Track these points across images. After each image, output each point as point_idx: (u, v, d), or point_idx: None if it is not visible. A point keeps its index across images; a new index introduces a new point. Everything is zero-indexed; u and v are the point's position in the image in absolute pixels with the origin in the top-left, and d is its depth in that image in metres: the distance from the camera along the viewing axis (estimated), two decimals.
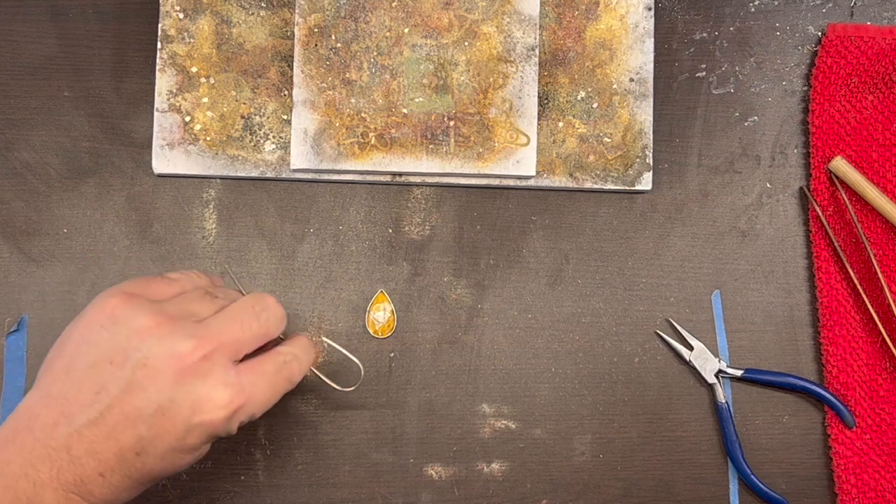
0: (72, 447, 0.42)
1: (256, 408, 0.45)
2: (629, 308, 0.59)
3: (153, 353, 0.43)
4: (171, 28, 0.58)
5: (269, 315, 0.46)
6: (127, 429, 0.42)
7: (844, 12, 0.62)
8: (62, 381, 0.44)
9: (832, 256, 0.59)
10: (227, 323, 0.45)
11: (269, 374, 0.46)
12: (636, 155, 0.59)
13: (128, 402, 0.42)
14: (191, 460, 0.45)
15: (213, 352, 0.43)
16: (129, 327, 0.43)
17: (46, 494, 0.42)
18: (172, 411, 0.42)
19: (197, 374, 0.43)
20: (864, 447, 0.58)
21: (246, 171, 0.58)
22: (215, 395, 0.43)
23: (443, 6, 0.58)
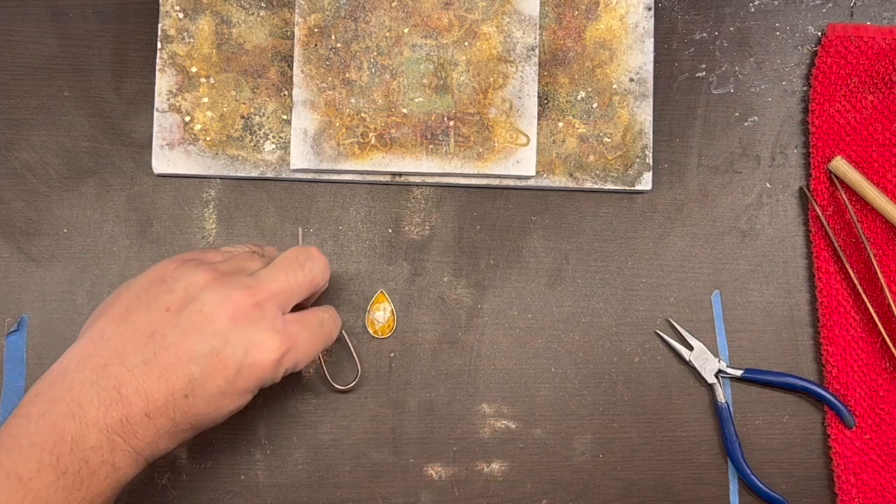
0: (122, 386, 0.43)
1: (300, 356, 0.48)
2: (629, 308, 0.59)
3: (209, 300, 0.45)
4: (171, 28, 0.58)
5: (314, 265, 0.49)
6: (179, 369, 0.44)
7: (844, 12, 0.62)
8: (117, 324, 0.45)
9: (832, 256, 0.59)
10: (276, 273, 0.48)
11: (312, 327, 0.49)
12: (636, 155, 0.59)
13: (182, 343, 0.44)
14: (233, 408, 0.47)
15: (265, 300, 0.46)
16: (186, 281, 0.46)
17: (91, 434, 0.43)
18: (226, 353, 0.45)
19: (250, 319, 0.45)
20: (864, 447, 0.58)
21: (246, 171, 0.58)
22: (266, 340, 0.46)
23: (443, 6, 0.58)
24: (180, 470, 0.57)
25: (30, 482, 0.42)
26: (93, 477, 0.43)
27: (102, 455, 0.43)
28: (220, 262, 0.49)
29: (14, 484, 0.41)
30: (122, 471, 0.44)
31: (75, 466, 0.42)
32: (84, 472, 0.43)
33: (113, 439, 0.43)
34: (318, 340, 0.50)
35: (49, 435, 0.42)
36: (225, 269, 0.48)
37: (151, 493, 0.56)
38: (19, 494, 0.41)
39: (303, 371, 0.57)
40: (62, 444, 0.42)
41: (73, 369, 0.44)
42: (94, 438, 0.43)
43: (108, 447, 0.43)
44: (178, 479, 0.57)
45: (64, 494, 0.42)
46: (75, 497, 0.43)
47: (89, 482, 0.43)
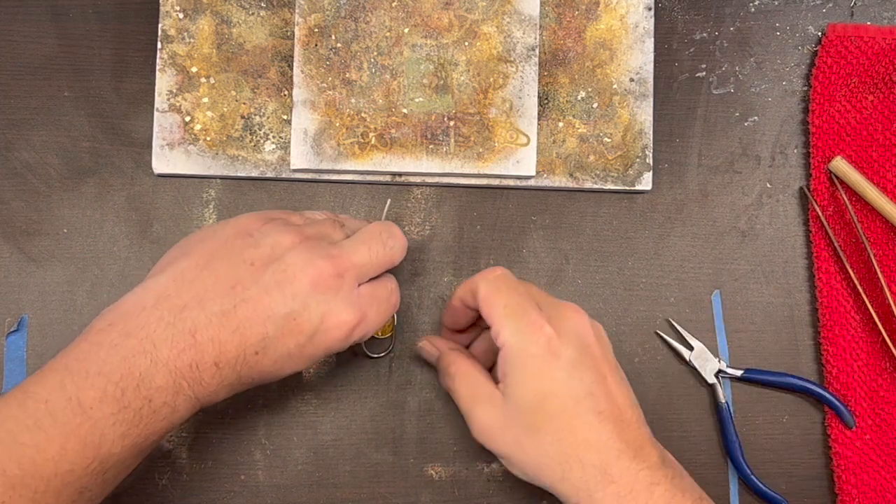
0: (197, 332, 0.44)
1: (369, 328, 0.49)
2: (629, 308, 0.59)
3: (293, 262, 0.46)
4: (171, 28, 0.58)
5: (395, 243, 0.50)
6: (255, 326, 0.45)
7: (844, 12, 0.62)
8: (200, 269, 0.46)
9: (832, 256, 0.59)
10: (358, 246, 0.48)
11: (381, 300, 0.49)
12: (636, 155, 0.59)
13: (262, 301, 0.45)
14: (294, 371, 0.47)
15: (346, 271, 0.47)
16: (273, 239, 0.47)
17: (160, 374, 0.43)
18: (303, 317, 0.45)
19: (330, 288, 0.46)
20: (864, 447, 0.58)
21: (246, 171, 0.58)
22: (342, 311, 0.46)
23: (443, 6, 0.58)
24: (180, 470, 0.57)
25: (90, 410, 0.42)
26: (153, 416, 0.43)
27: (166, 396, 0.43)
28: (304, 225, 0.49)
29: (74, 408, 0.42)
30: (180, 414, 0.45)
31: (137, 403, 0.43)
32: (145, 410, 0.43)
33: (179, 383, 0.44)
34: (386, 312, 0.50)
35: (118, 367, 0.43)
36: (310, 233, 0.48)
37: (151, 492, 0.56)
38: (77, 419, 0.42)
39: (303, 371, 0.57)
40: (129, 379, 0.43)
41: (150, 305, 0.44)
42: (162, 379, 0.43)
43: (172, 390, 0.44)
44: (178, 479, 0.57)
45: (121, 429, 0.43)
46: (131, 433, 0.43)
47: (148, 420, 0.43)
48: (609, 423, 0.46)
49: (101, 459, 0.42)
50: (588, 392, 0.47)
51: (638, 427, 0.48)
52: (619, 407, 0.47)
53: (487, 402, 0.48)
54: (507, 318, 0.48)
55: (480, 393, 0.49)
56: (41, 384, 0.42)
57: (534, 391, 0.47)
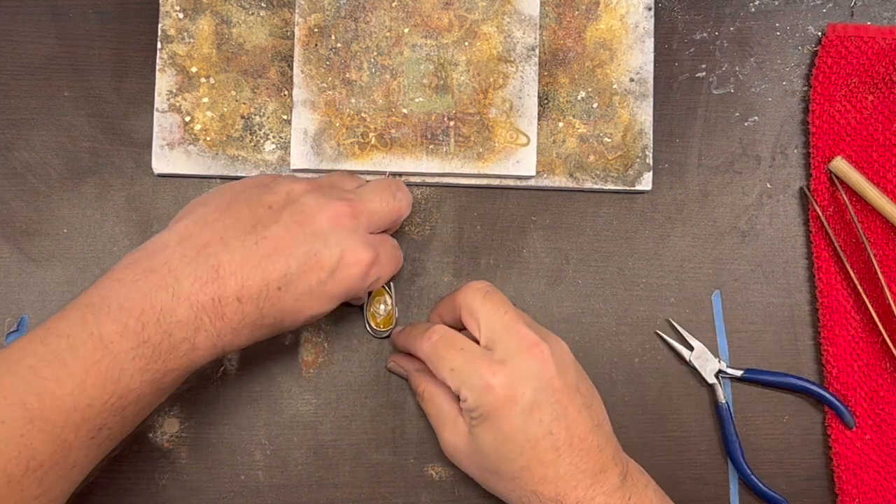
0: (220, 266, 0.45)
1: (383, 271, 0.51)
2: (629, 308, 0.59)
3: (310, 203, 0.48)
4: (171, 28, 0.58)
5: (403, 196, 0.53)
6: (278, 261, 0.46)
7: (844, 12, 0.62)
8: (220, 213, 0.47)
9: (832, 256, 0.59)
10: (370, 195, 0.51)
11: (390, 249, 0.53)
12: (636, 155, 0.59)
13: (284, 238, 0.46)
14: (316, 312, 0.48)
15: (360, 214, 0.49)
16: (288, 186, 0.49)
17: (181, 308, 0.44)
18: (323, 254, 0.47)
19: (346, 227, 0.48)
20: (864, 447, 0.58)
21: (246, 171, 0.58)
22: (360, 249, 0.48)
23: (443, 6, 0.58)
24: (180, 470, 0.57)
25: (111, 344, 0.42)
26: (172, 352, 0.44)
27: (186, 331, 0.44)
28: (321, 177, 0.52)
29: (95, 342, 0.42)
30: (200, 352, 0.45)
31: (157, 338, 0.43)
32: (165, 345, 0.44)
33: (200, 318, 0.44)
34: (395, 261, 0.53)
35: (139, 301, 0.43)
36: (322, 182, 0.51)
37: (151, 492, 0.56)
38: (98, 354, 0.42)
39: (303, 371, 0.57)
40: (150, 313, 0.43)
41: (173, 244, 0.46)
42: (183, 313, 0.44)
43: (193, 324, 0.44)
44: (178, 479, 0.57)
45: (141, 363, 0.43)
46: (150, 368, 0.44)
47: (167, 356, 0.44)
48: (567, 456, 0.47)
49: (120, 394, 0.43)
50: (546, 431, 0.47)
51: (599, 450, 0.48)
52: (580, 436, 0.48)
53: (452, 427, 0.51)
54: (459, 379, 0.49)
55: (446, 417, 0.51)
56: (64, 320, 0.43)
57: (492, 438, 0.48)
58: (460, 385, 0.48)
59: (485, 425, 0.48)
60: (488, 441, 0.48)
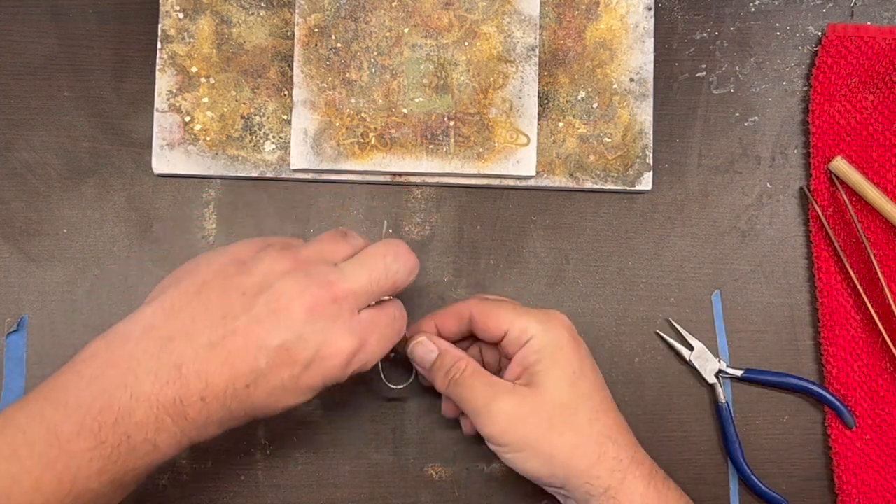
0: (184, 365, 0.42)
1: (370, 356, 0.46)
2: (629, 308, 0.59)
3: (287, 290, 0.44)
4: (171, 28, 0.58)
5: (399, 266, 0.47)
6: (246, 357, 0.42)
7: (844, 12, 0.62)
8: (189, 299, 0.44)
9: (832, 256, 0.59)
10: (359, 271, 0.46)
11: (383, 327, 0.47)
12: (636, 155, 0.59)
13: (254, 331, 0.43)
14: (293, 403, 0.45)
15: (343, 298, 0.45)
16: (266, 266, 0.45)
17: (140, 409, 0.41)
18: (297, 347, 0.43)
19: (326, 315, 0.44)
20: (864, 447, 0.58)
21: (246, 171, 0.58)
22: (339, 339, 0.44)
23: (443, 6, 0.58)
24: (180, 470, 0.57)
25: (67, 444, 0.40)
26: (132, 453, 0.41)
27: (146, 433, 0.41)
28: (304, 245, 0.47)
29: (51, 440, 0.40)
30: (163, 451, 0.42)
31: (115, 439, 0.41)
32: (124, 446, 0.41)
33: (161, 418, 0.42)
34: (389, 339, 0.48)
35: (97, 399, 0.41)
36: (307, 255, 0.46)
37: (151, 493, 0.56)
38: (53, 452, 0.40)
39: None
40: (108, 413, 0.41)
41: (135, 336, 0.43)
42: (142, 414, 0.41)
43: (153, 425, 0.41)
44: (178, 479, 0.57)
45: (98, 465, 0.41)
46: (109, 469, 0.41)
47: (127, 457, 0.41)
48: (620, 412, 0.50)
49: (76, 494, 0.40)
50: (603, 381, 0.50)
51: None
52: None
53: (509, 394, 0.48)
54: (525, 314, 0.50)
55: (500, 386, 0.49)
56: (23, 411, 0.41)
57: (569, 373, 0.48)
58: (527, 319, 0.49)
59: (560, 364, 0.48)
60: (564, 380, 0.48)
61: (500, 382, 0.49)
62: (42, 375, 0.56)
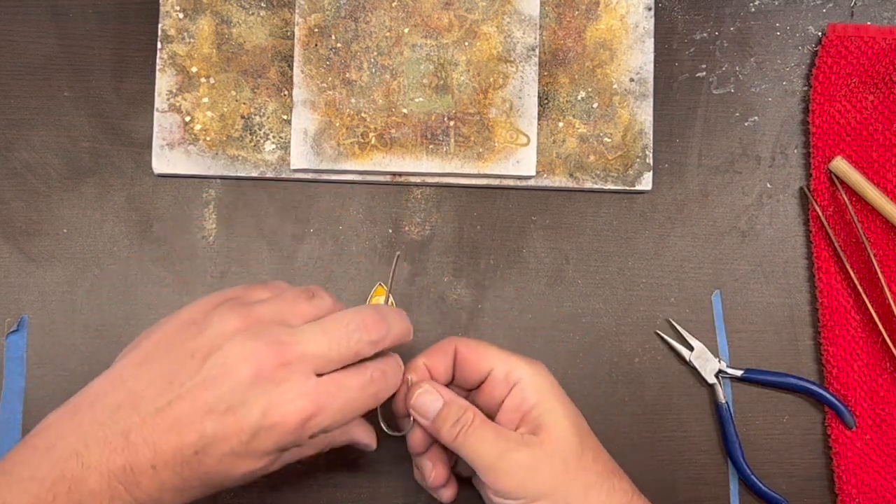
0: (131, 432, 0.41)
1: (329, 421, 0.44)
2: (629, 308, 0.59)
3: (234, 353, 0.42)
4: (171, 28, 0.58)
5: (362, 337, 0.45)
6: (192, 423, 0.41)
7: (844, 12, 0.62)
8: (137, 366, 0.43)
9: (832, 256, 0.59)
10: (316, 336, 0.44)
11: (351, 389, 0.44)
12: (636, 155, 0.59)
13: (199, 396, 0.42)
14: (251, 469, 0.43)
15: (294, 361, 0.43)
16: (218, 327, 0.43)
17: (92, 478, 0.41)
18: (242, 412, 0.42)
19: (273, 379, 0.42)
20: (864, 447, 0.58)
21: (246, 171, 0.58)
22: (287, 403, 0.42)
23: (443, 6, 0.58)
24: None
25: None
26: None
27: (100, 501, 0.41)
28: (262, 302, 0.45)
29: None
30: None
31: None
32: None
33: (114, 486, 0.41)
34: (357, 402, 0.45)
35: (50, 471, 0.40)
36: (262, 314, 0.44)
37: None
38: None
39: None
40: (61, 484, 0.40)
41: (85, 406, 0.42)
42: (94, 482, 0.40)
43: (107, 494, 0.41)
44: None
45: None
46: None
47: None
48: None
49: None
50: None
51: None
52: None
53: (521, 446, 0.47)
54: (509, 355, 0.49)
55: (510, 438, 0.47)
56: None
57: (569, 413, 0.48)
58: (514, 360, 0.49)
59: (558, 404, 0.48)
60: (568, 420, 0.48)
61: (508, 433, 0.47)
62: (42, 375, 0.57)
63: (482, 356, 0.49)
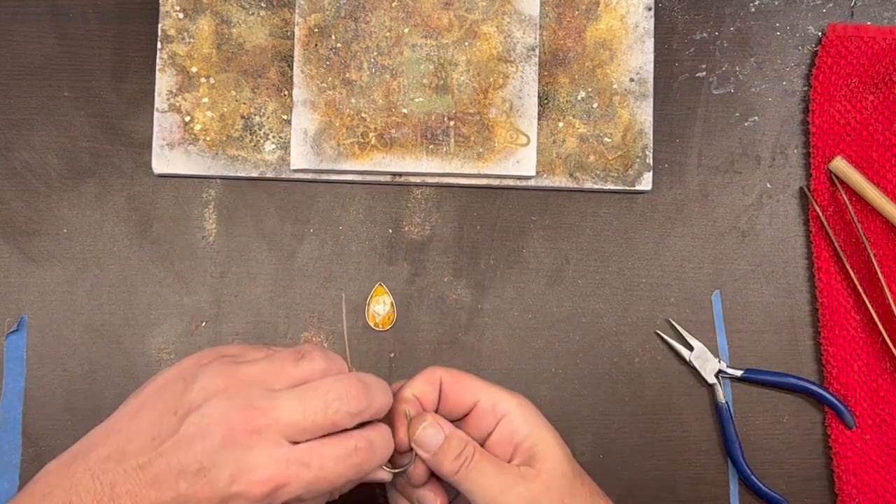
0: (116, 485, 0.42)
1: (302, 491, 0.43)
2: (629, 308, 0.59)
3: (210, 413, 0.42)
4: (171, 28, 0.58)
5: (341, 407, 0.44)
6: (168, 481, 0.42)
7: (844, 12, 0.62)
8: (128, 419, 0.44)
9: (832, 256, 0.59)
10: (292, 403, 0.43)
11: (328, 458, 0.43)
12: (636, 155, 0.59)
13: (175, 455, 0.42)
14: None
15: (266, 427, 0.42)
16: (200, 385, 0.44)
17: None
18: (212, 474, 0.42)
19: (242, 444, 0.42)
20: (864, 447, 0.58)
21: (246, 171, 0.58)
22: (254, 470, 0.42)
23: (443, 6, 0.58)
24: None
25: None
26: None
27: None
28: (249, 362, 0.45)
29: None
30: None
31: None
32: None
33: None
34: (336, 474, 0.44)
35: None
36: (246, 375, 0.44)
37: None
38: None
39: None
40: None
41: (81, 455, 0.43)
42: None
43: None
44: None
45: None
46: None
47: None
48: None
49: None
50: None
51: None
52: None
53: (521, 479, 0.47)
54: (493, 387, 0.49)
55: (509, 471, 0.47)
56: None
57: (559, 441, 0.49)
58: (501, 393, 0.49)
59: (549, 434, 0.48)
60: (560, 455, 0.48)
61: (507, 467, 0.47)
62: (42, 375, 0.57)
63: (468, 388, 0.49)
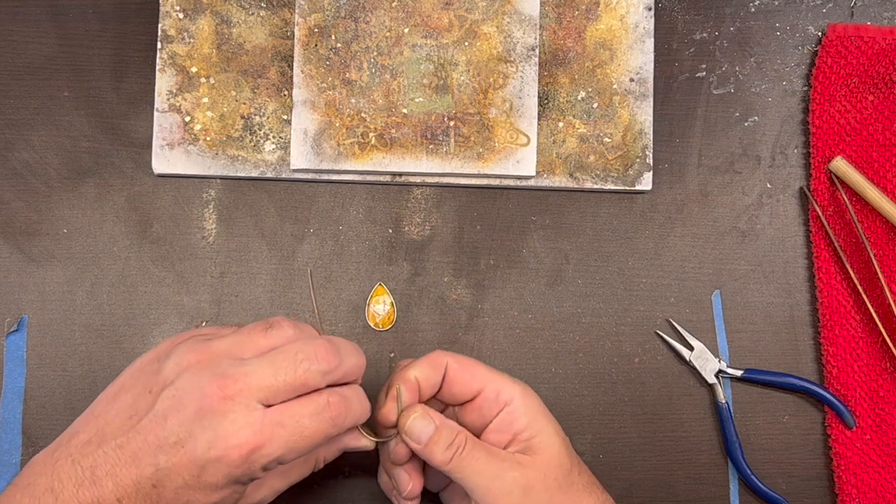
0: (97, 467, 0.43)
1: (280, 451, 0.44)
2: (629, 308, 0.59)
3: (182, 387, 0.44)
4: (171, 28, 0.58)
5: (311, 366, 0.44)
6: (147, 456, 0.43)
7: (844, 12, 0.62)
8: (106, 403, 0.45)
9: (832, 256, 0.59)
10: (262, 368, 0.44)
11: (302, 416, 0.44)
12: (636, 155, 0.59)
13: (152, 430, 0.43)
14: (214, 501, 0.44)
15: (238, 393, 0.43)
16: (173, 361, 0.45)
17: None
18: (189, 445, 0.42)
19: (216, 412, 0.43)
20: (864, 447, 0.58)
21: (246, 171, 0.58)
22: (230, 436, 0.42)
23: (443, 6, 0.58)
24: None
25: None
26: None
27: None
28: (220, 337, 0.46)
29: None
30: None
31: None
32: None
33: None
34: (309, 430, 0.44)
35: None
36: (216, 349, 0.45)
37: None
38: None
39: None
40: None
41: (64, 443, 0.44)
42: None
43: None
44: None
45: None
46: None
47: None
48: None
49: None
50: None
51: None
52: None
53: (515, 466, 0.48)
54: (498, 375, 0.50)
55: (503, 458, 0.48)
56: None
57: (558, 431, 0.50)
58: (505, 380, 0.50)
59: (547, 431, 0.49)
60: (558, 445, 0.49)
61: (500, 453, 0.48)
62: (42, 375, 0.57)
63: (473, 376, 0.50)
